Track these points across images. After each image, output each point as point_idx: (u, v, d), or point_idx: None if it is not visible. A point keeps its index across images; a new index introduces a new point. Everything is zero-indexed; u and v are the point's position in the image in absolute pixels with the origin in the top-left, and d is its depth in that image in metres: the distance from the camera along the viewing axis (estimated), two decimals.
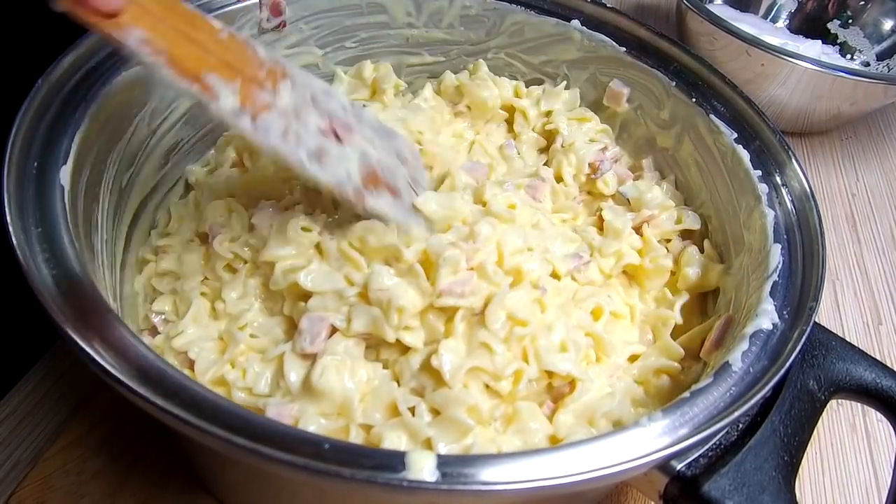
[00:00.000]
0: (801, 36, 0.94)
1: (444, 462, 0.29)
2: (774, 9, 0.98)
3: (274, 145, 0.40)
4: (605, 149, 0.57)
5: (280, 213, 0.47)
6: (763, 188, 0.47)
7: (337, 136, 0.43)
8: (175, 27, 0.37)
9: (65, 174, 0.38)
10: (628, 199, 0.55)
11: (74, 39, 0.43)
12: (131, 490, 0.45)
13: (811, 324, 0.38)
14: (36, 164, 0.37)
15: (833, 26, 0.95)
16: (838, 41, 0.94)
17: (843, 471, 0.55)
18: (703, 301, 0.51)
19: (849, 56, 0.93)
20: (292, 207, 0.48)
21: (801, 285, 0.41)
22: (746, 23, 0.89)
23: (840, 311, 0.68)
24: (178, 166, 0.53)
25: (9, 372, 0.52)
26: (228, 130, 0.56)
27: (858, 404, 0.54)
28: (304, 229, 0.43)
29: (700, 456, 0.35)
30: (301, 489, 0.39)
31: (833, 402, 0.41)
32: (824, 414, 0.39)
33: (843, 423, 0.58)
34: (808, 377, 0.39)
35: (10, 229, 0.34)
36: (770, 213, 0.46)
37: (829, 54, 0.92)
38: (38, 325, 0.35)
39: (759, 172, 0.48)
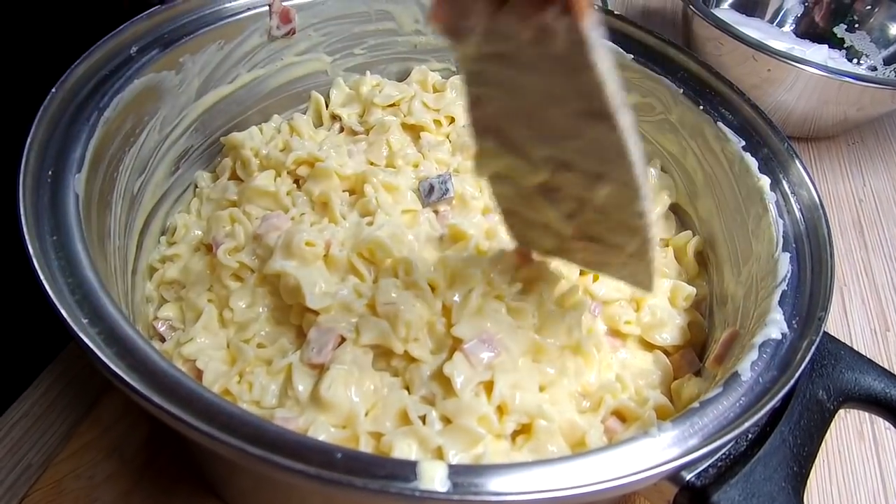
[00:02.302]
0: (807, 40, 0.93)
1: (455, 472, 0.29)
2: (781, 13, 0.98)
3: None
4: None
5: (286, 223, 0.47)
6: (771, 197, 0.47)
7: None
8: None
9: (79, 182, 0.38)
10: None
11: (87, 48, 0.43)
12: (142, 494, 0.45)
13: (820, 333, 0.38)
14: (51, 172, 0.38)
15: (839, 31, 0.95)
16: (845, 46, 0.94)
17: (850, 479, 0.55)
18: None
19: (855, 61, 0.93)
20: (299, 217, 0.48)
21: (809, 294, 0.41)
22: (752, 27, 0.88)
23: (847, 317, 0.68)
24: (188, 172, 0.53)
25: (20, 375, 0.52)
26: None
27: (866, 412, 0.54)
28: (308, 244, 0.43)
29: (710, 466, 0.35)
30: (311, 496, 0.39)
31: (841, 411, 0.41)
32: (832, 422, 0.39)
33: (850, 431, 0.58)
34: (817, 387, 0.39)
35: (26, 237, 0.34)
36: (779, 222, 0.46)
37: (836, 59, 0.91)
38: (50, 328, 0.35)
39: (767, 180, 0.48)
